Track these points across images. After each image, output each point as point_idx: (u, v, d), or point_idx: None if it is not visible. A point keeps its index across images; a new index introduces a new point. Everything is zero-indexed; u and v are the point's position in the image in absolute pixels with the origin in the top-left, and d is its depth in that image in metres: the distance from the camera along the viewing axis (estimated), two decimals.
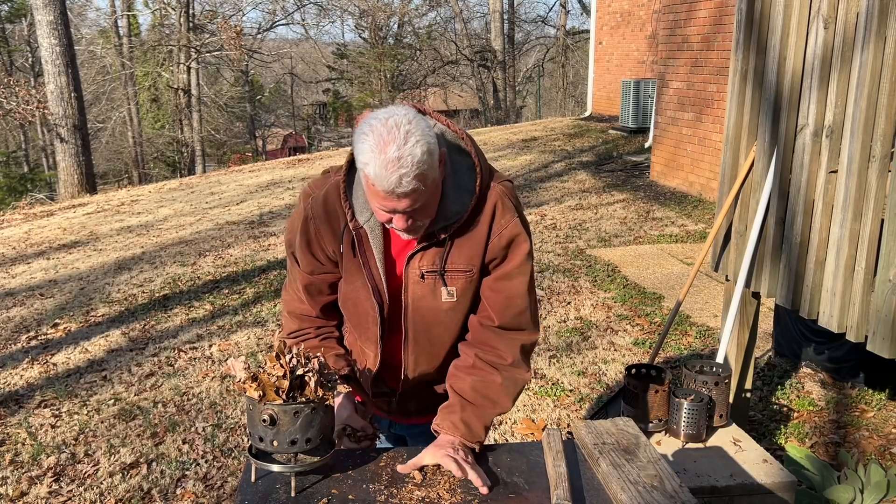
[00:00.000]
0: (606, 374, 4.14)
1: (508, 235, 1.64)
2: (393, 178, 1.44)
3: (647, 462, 1.57)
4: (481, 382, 1.68)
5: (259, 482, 1.53)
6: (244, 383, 1.45)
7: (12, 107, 14.83)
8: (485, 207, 1.63)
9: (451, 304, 1.68)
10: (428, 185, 1.49)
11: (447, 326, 1.72)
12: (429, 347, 1.75)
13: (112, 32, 26.58)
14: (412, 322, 1.71)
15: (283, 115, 35.33)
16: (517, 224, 1.64)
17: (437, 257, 1.64)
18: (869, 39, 2.42)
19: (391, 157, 1.43)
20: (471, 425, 1.64)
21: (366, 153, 1.45)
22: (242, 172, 13.20)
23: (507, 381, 1.69)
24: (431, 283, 1.66)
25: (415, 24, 30.54)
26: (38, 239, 8.54)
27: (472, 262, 1.65)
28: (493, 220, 1.63)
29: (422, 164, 1.45)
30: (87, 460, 3.45)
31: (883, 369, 3.71)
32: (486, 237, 1.63)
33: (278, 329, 5.00)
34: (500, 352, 1.69)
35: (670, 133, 8.94)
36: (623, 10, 13.30)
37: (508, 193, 1.66)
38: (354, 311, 1.77)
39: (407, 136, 1.44)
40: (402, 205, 1.49)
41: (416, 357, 1.76)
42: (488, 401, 1.67)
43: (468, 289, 1.68)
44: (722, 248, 3.31)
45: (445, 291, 1.66)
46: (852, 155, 2.52)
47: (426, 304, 1.68)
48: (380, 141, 1.44)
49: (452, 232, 1.62)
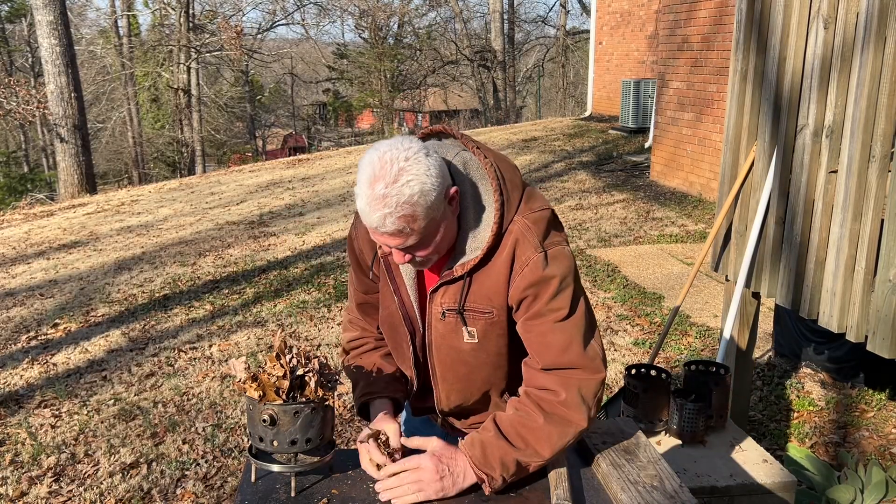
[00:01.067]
0: (606, 374, 4.14)
1: (531, 276, 1.49)
2: (376, 217, 1.39)
3: (647, 462, 1.57)
4: (520, 418, 1.51)
5: (259, 482, 1.53)
6: (244, 383, 1.45)
7: (12, 107, 14.82)
8: (504, 244, 1.50)
9: (473, 344, 1.59)
10: (419, 226, 1.41)
11: (473, 366, 1.63)
12: (457, 384, 1.68)
13: (112, 32, 26.59)
14: (438, 360, 1.65)
15: (283, 115, 35.34)
16: (539, 260, 1.49)
17: (458, 295, 1.55)
18: (869, 40, 2.42)
19: (377, 194, 1.37)
20: (487, 452, 1.46)
21: (359, 184, 1.41)
22: (242, 172, 13.20)
23: (550, 425, 1.49)
24: (453, 322, 1.57)
25: (415, 24, 30.57)
26: (38, 239, 8.54)
27: (493, 304, 1.54)
28: (513, 259, 1.50)
29: (409, 206, 1.38)
30: (87, 460, 3.45)
31: (883, 369, 3.71)
32: (508, 278, 1.51)
33: (279, 329, 5.00)
34: (550, 388, 1.51)
35: (670, 133, 8.94)
36: (623, 10, 13.30)
37: (534, 228, 1.50)
38: (391, 336, 1.73)
39: (398, 175, 1.37)
40: (390, 242, 1.45)
41: (448, 393, 1.70)
42: (520, 439, 1.48)
43: (490, 330, 1.57)
44: (722, 248, 3.31)
45: (466, 332, 1.57)
46: (852, 155, 2.52)
47: (448, 343, 1.61)
48: (371, 175, 1.38)
49: (471, 269, 1.52)
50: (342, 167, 12.06)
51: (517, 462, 1.47)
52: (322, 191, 10.15)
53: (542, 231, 1.51)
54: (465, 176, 1.53)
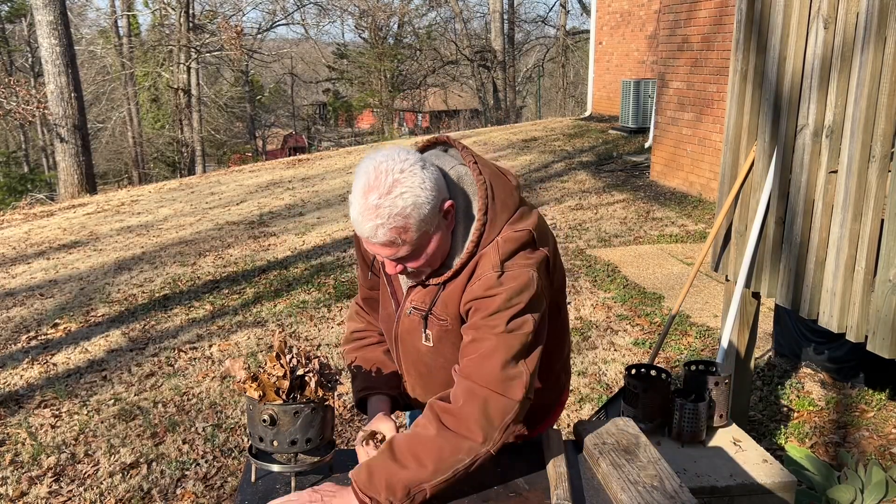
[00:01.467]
0: (606, 374, 4.14)
1: (479, 290, 1.47)
2: (367, 227, 1.40)
3: (647, 462, 1.57)
4: (414, 432, 1.46)
5: (259, 482, 1.53)
6: (244, 383, 1.45)
7: (12, 107, 14.82)
8: (474, 259, 1.50)
9: (429, 348, 1.61)
10: (410, 238, 1.42)
11: (431, 367, 1.65)
12: (420, 381, 1.71)
13: (112, 32, 26.59)
14: (402, 353, 1.69)
15: (283, 115, 35.34)
16: (491, 277, 1.46)
17: (427, 297, 1.57)
18: (869, 40, 2.43)
19: (370, 204, 1.38)
20: (373, 476, 1.41)
21: (353, 193, 1.42)
22: (242, 172, 13.20)
23: (442, 438, 1.42)
24: (416, 321, 1.61)
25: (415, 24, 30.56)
26: (38, 239, 8.54)
27: (448, 312, 1.55)
28: (473, 272, 1.50)
29: (402, 217, 1.38)
30: (87, 460, 3.45)
31: (883, 369, 3.71)
32: (463, 288, 1.51)
33: (279, 329, 5.00)
34: (454, 396, 1.47)
35: (670, 133, 8.94)
36: (623, 10, 13.30)
37: (503, 246, 1.48)
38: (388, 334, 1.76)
39: (392, 186, 1.37)
40: (382, 252, 1.46)
41: (413, 387, 1.74)
42: (410, 456, 1.41)
43: (445, 338, 1.58)
44: (722, 248, 3.31)
45: (423, 334, 1.60)
46: (852, 155, 2.52)
47: (410, 341, 1.65)
48: (366, 184, 1.39)
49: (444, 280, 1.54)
50: (342, 167, 12.07)
51: (405, 486, 1.39)
52: (322, 191, 10.15)
53: (508, 251, 1.47)
54: (458, 190, 1.53)
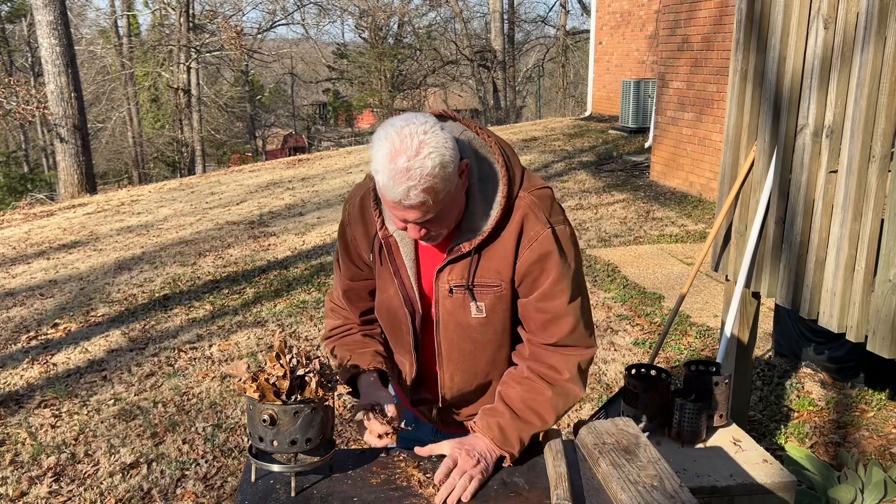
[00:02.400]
0: (606, 374, 4.14)
1: (539, 250, 1.55)
2: (400, 190, 1.41)
3: (647, 462, 1.57)
4: (530, 393, 1.61)
5: (259, 482, 1.53)
6: (244, 383, 1.45)
7: (12, 107, 14.83)
8: (512, 219, 1.55)
9: (481, 319, 1.62)
10: (439, 198, 1.45)
11: (479, 342, 1.66)
12: (463, 364, 1.70)
13: (112, 32, 26.59)
14: (444, 338, 1.67)
15: (283, 115, 35.31)
16: (548, 236, 1.55)
17: (465, 271, 1.58)
18: (869, 39, 2.42)
19: (400, 167, 1.39)
20: (506, 432, 1.57)
21: (378, 161, 1.42)
22: (242, 172, 13.20)
23: (557, 397, 1.62)
24: (461, 297, 1.60)
25: (415, 24, 30.54)
26: (38, 239, 8.54)
27: (502, 277, 1.58)
28: (521, 234, 1.55)
29: (432, 178, 1.41)
30: (87, 460, 3.45)
31: (883, 369, 3.71)
32: (515, 251, 1.56)
33: (279, 329, 5.00)
34: (556, 367, 1.61)
35: (670, 133, 8.94)
36: (623, 10, 13.30)
37: (540, 203, 1.57)
38: (389, 320, 1.75)
39: (419, 148, 1.39)
40: (411, 216, 1.46)
41: (452, 373, 1.72)
42: (533, 413, 1.60)
43: (498, 304, 1.61)
44: (722, 248, 3.31)
45: (475, 307, 1.61)
46: (852, 155, 2.52)
47: (456, 320, 1.64)
48: (392, 149, 1.40)
49: (478, 245, 1.56)
50: (342, 167, 12.06)
51: (530, 435, 1.60)
52: (322, 191, 10.15)
53: (548, 207, 1.58)
54: (471, 153, 1.56)
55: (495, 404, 1.63)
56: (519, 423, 1.59)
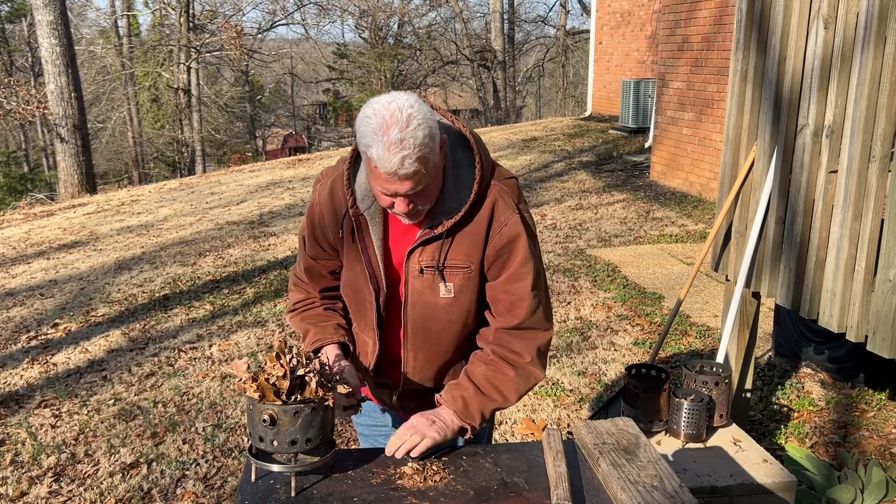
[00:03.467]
0: (606, 374, 4.14)
1: (508, 234, 1.64)
2: (395, 160, 1.46)
3: (647, 462, 1.57)
4: (493, 372, 1.70)
5: (259, 482, 1.53)
6: (244, 383, 1.45)
7: (12, 107, 14.82)
8: (484, 204, 1.64)
9: (449, 300, 1.70)
10: (429, 168, 1.51)
11: (445, 322, 1.74)
12: (427, 343, 1.77)
13: (112, 32, 26.60)
14: (411, 317, 1.73)
15: (283, 115, 35.32)
16: (517, 221, 1.64)
17: (436, 252, 1.65)
18: (869, 40, 2.43)
19: (394, 139, 1.45)
20: (469, 405, 1.67)
21: (368, 136, 1.47)
22: (242, 172, 13.20)
23: (519, 378, 1.72)
24: (430, 278, 1.67)
25: (415, 24, 30.54)
26: (38, 239, 8.54)
27: (471, 259, 1.66)
28: (492, 217, 1.64)
29: (423, 147, 1.47)
30: (87, 460, 3.45)
31: (883, 369, 3.71)
32: (486, 234, 1.64)
33: (279, 329, 5.00)
34: (517, 350, 1.71)
35: (670, 133, 8.94)
36: (623, 10, 13.30)
37: (509, 191, 1.67)
38: (354, 298, 1.80)
39: (409, 120, 1.46)
40: (403, 187, 1.51)
41: (416, 353, 1.78)
42: (495, 391, 1.69)
43: (466, 285, 1.69)
44: (722, 248, 3.31)
45: (444, 287, 1.68)
46: (852, 155, 2.52)
47: (424, 300, 1.70)
48: (382, 123, 1.46)
49: (451, 227, 1.63)
50: None
51: (490, 410, 1.71)
52: None
53: (516, 195, 1.69)
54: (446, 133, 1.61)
55: (460, 379, 1.73)
56: (482, 398, 1.69)
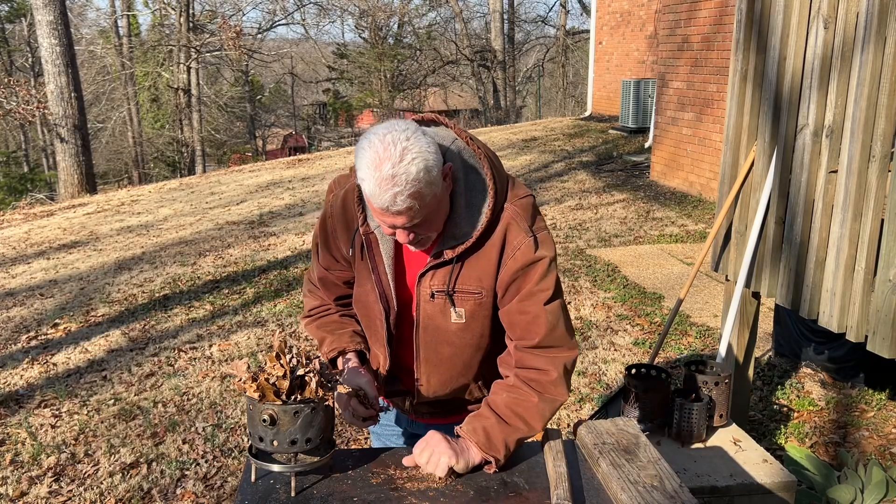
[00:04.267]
0: (606, 374, 4.14)
1: (522, 258, 1.59)
2: (387, 197, 1.43)
3: (647, 462, 1.57)
4: (516, 400, 1.62)
5: (259, 482, 1.53)
6: (244, 383, 1.45)
7: (12, 107, 14.83)
8: (497, 229, 1.59)
9: (460, 325, 1.66)
10: (425, 202, 1.47)
11: (457, 347, 1.70)
12: (440, 366, 1.73)
13: (112, 32, 26.59)
14: (423, 341, 1.70)
15: (283, 115, 35.30)
16: (530, 244, 1.59)
17: (447, 277, 1.62)
18: (869, 39, 2.42)
19: (385, 175, 1.41)
20: (491, 436, 1.57)
21: (363, 169, 1.45)
22: (242, 172, 13.20)
23: (543, 403, 1.62)
24: (441, 303, 1.64)
25: (415, 24, 30.54)
26: (38, 239, 8.54)
27: (482, 284, 1.62)
28: (504, 242, 1.59)
29: (417, 183, 1.43)
30: (87, 460, 3.45)
31: (883, 369, 3.71)
32: (498, 259, 1.60)
33: (279, 329, 5.00)
34: (541, 368, 1.62)
35: (670, 133, 8.94)
36: (623, 10, 13.30)
37: (522, 213, 1.61)
38: (365, 313, 1.78)
39: (403, 154, 1.42)
40: (398, 221, 1.49)
41: (428, 375, 1.75)
42: (519, 419, 1.60)
43: (478, 311, 1.65)
44: (722, 248, 3.31)
45: (454, 313, 1.64)
46: (852, 155, 2.52)
47: (436, 324, 1.67)
48: (375, 157, 1.42)
49: (462, 252, 1.59)
50: (342, 167, 12.06)
51: (515, 441, 1.60)
52: (322, 191, 10.14)
53: (530, 216, 1.62)
54: (460, 163, 1.59)
55: (481, 409, 1.64)
56: (505, 428, 1.59)
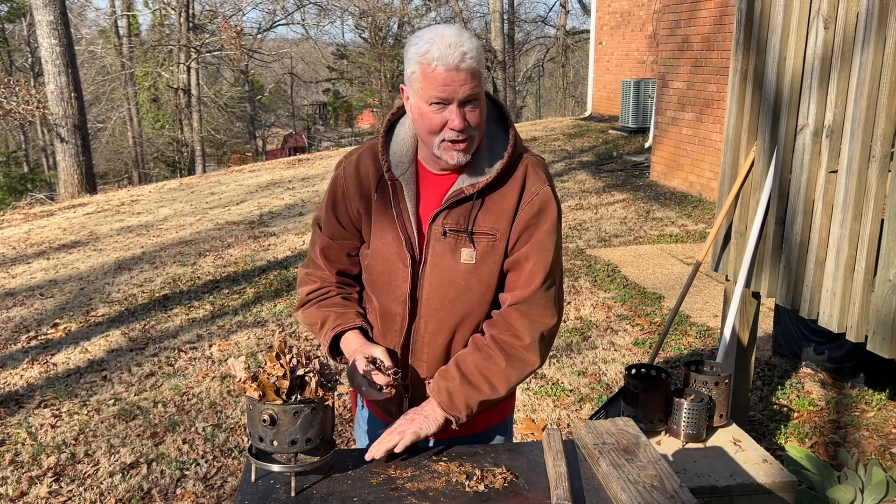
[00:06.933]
0: (606, 374, 4.14)
1: (539, 202, 1.66)
2: (456, 54, 1.51)
3: (647, 462, 1.57)
4: (484, 361, 1.66)
5: (259, 482, 1.53)
6: (244, 383, 1.45)
7: (12, 107, 14.82)
8: (516, 173, 1.67)
9: (469, 266, 1.66)
10: (483, 75, 1.57)
11: (462, 290, 1.68)
12: (441, 310, 1.70)
13: (112, 32, 26.58)
14: (428, 281, 1.69)
15: (283, 115, 35.31)
16: (548, 192, 1.67)
17: (463, 217, 1.65)
18: (869, 39, 2.43)
19: (453, 38, 1.53)
20: (454, 397, 1.63)
21: (423, 44, 1.54)
22: (242, 172, 13.20)
23: (511, 368, 1.66)
24: (453, 241, 1.66)
25: (415, 24, 30.52)
26: (38, 239, 8.54)
27: (498, 227, 1.66)
28: (524, 186, 1.66)
29: (479, 52, 1.55)
30: (87, 460, 3.45)
31: (883, 369, 3.71)
32: (517, 203, 1.66)
33: (279, 329, 5.00)
34: (517, 332, 1.66)
35: (670, 133, 8.94)
36: (623, 10, 13.30)
37: (540, 165, 1.70)
38: (384, 268, 1.73)
39: (461, 31, 1.55)
40: (463, 88, 1.54)
41: (427, 320, 1.71)
42: (484, 381, 1.65)
43: (489, 254, 1.66)
44: (722, 248, 3.31)
45: (465, 252, 1.66)
46: (852, 155, 2.52)
47: (444, 263, 1.67)
48: (438, 34, 1.54)
49: (482, 189, 1.64)
50: None
51: (478, 403, 1.65)
52: (322, 191, 10.15)
53: (546, 170, 1.72)
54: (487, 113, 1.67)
55: (448, 366, 1.68)
56: (468, 389, 1.64)
